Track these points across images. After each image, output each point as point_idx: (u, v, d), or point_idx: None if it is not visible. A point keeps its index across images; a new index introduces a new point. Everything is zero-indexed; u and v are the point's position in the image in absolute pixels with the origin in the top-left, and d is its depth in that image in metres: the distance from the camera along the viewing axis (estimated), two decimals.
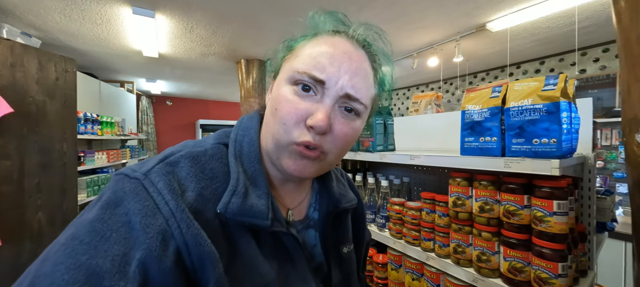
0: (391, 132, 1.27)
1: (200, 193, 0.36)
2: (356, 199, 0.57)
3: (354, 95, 0.40)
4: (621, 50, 0.82)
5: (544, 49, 3.54)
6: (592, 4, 2.44)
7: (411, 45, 3.44)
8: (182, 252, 0.32)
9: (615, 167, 2.85)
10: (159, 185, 0.33)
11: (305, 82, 0.39)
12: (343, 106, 0.41)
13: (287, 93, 0.40)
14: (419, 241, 1.09)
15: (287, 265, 0.42)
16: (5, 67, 1.78)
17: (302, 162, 0.40)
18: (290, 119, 0.39)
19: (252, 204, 0.38)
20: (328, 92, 0.39)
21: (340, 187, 0.55)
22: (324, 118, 0.38)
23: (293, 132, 0.39)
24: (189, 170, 0.37)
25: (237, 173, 0.40)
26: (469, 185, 0.92)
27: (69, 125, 2.16)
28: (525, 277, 0.78)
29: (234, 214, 0.36)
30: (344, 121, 0.41)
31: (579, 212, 0.92)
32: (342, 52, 0.41)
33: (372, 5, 2.44)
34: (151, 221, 0.31)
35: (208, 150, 0.41)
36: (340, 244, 0.52)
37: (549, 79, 0.74)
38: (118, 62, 4.11)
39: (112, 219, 0.31)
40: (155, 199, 0.33)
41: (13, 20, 2.69)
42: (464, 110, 0.89)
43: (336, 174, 0.58)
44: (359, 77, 0.41)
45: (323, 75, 0.39)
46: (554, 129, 0.69)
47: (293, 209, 0.49)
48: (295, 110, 0.39)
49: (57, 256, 0.28)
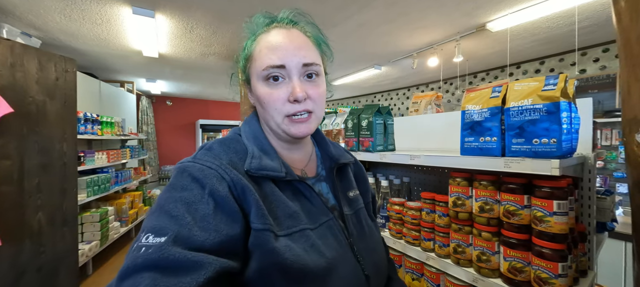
0: (391, 132, 1.27)
1: (230, 160, 0.52)
2: (353, 159, 0.73)
3: (309, 61, 0.53)
4: (621, 50, 0.82)
5: (544, 49, 3.54)
6: (592, 4, 2.44)
7: (411, 45, 3.44)
8: (231, 187, 0.47)
9: (615, 167, 2.85)
10: (204, 159, 0.50)
11: (271, 74, 0.52)
12: (306, 74, 0.54)
13: (265, 89, 0.53)
14: (419, 241, 1.09)
15: (307, 204, 0.55)
16: (5, 67, 1.78)
17: (300, 124, 0.54)
18: (278, 103, 0.53)
19: (267, 163, 0.53)
20: (290, 71, 0.52)
21: (337, 149, 0.69)
22: (300, 90, 0.52)
23: (284, 110, 0.53)
24: (220, 148, 0.54)
25: (251, 147, 0.55)
26: (469, 185, 0.92)
27: (69, 125, 2.16)
28: (525, 277, 0.78)
29: (256, 169, 0.51)
30: (312, 85, 0.54)
31: (579, 212, 0.92)
32: (283, 37, 0.53)
33: (372, 5, 2.44)
34: (207, 173, 0.47)
35: (228, 137, 0.59)
36: (346, 190, 0.65)
37: (549, 79, 0.74)
38: (118, 62, 4.11)
39: (183, 181, 0.47)
40: (205, 164, 0.48)
41: (13, 20, 2.68)
42: (464, 110, 0.89)
43: (334, 143, 0.73)
44: (303, 48, 0.53)
45: (280, 61, 0.52)
46: (554, 129, 0.69)
47: (304, 168, 0.63)
48: (276, 98, 0.53)
49: (164, 203, 0.44)
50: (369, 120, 1.20)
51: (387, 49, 3.57)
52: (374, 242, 0.63)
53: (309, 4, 2.37)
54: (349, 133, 1.31)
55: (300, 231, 0.50)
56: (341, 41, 3.26)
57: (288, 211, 0.51)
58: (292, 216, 0.51)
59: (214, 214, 0.44)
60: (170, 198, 0.44)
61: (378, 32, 3.02)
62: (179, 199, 0.44)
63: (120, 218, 3.74)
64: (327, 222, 0.55)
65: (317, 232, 0.53)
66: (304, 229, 0.51)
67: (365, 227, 0.62)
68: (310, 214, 0.54)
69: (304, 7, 0.60)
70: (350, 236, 0.58)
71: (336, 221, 0.57)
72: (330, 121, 1.48)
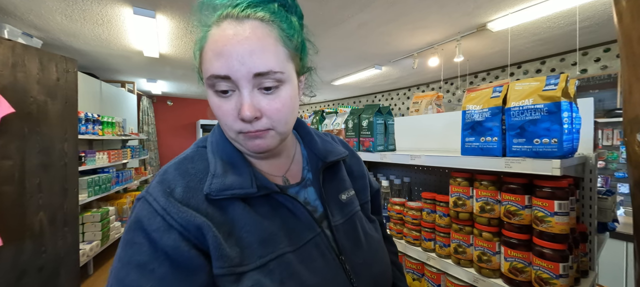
0: (392, 132, 1.27)
1: (186, 186, 0.44)
2: (346, 152, 0.62)
3: (262, 70, 0.41)
4: (622, 50, 0.82)
5: (545, 49, 3.53)
6: (593, 4, 2.43)
7: (412, 45, 3.43)
8: (183, 233, 0.40)
9: (616, 167, 2.84)
10: (155, 194, 0.42)
11: (215, 84, 0.42)
12: (262, 87, 0.42)
13: (213, 100, 0.44)
14: (420, 241, 1.09)
15: (290, 219, 0.48)
16: (6, 67, 1.78)
17: (256, 141, 0.45)
18: (229, 118, 0.43)
19: (232, 180, 0.44)
20: (239, 82, 0.41)
21: (327, 145, 0.60)
22: (248, 108, 0.41)
23: (235, 126, 0.44)
24: (175, 173, 0.45)
25: (214, 162, 0.47)
26: (470, 185, 0.92)
27: (70, 126, 2.16)
28: (526, 277, 0.78)
29: (217, 192, 0.43)
30: (269, 99, 0.43)
31: (580, 213, 0.91)
32: (231, 37, 0.40)
33: (373, 5, 2.44)
34: (154, 223, 0.40)
35: (189, 154, 0.50)
36: (338, 193, 0.57)
37: (550, 79, 0.74)
38: (119, 63, 4.12)
39: (135, 236, 0.41)
40: (154, 206, 0.42)
41: (14, 21, 2.69)
42: (464, 110, 0.89)
43: (322, 137, 0.64)
44: (255, 52, 0.40)
45: (224, 70, 0.40)
46: (555, 129, 0.69)
47: (286, 174, 0.55)
48: (225, 112, 0.43)
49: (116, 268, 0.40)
50: (369, 120, 1.20)
51: (388, 49, 3.57)
52: (373, 253, 0.55)
53: (309, 3, 2.37)
54: (349, 133, 1.31)
55: (278, 258, 0.43)
56: (341, 41, 3.25)
57: (262, 235, 0.44)
58: (268, 240, 0.44)
59: (172, 273, 0.38)
60: (124, 261, 0.39)
61: (378, 32, 3.02)
62: (131, 264, 0.38)
63: (121, 218, 3.75)
64: (314, 239, 0.48)
65: (300, 254, 0.46)
66: (283, 253, 0.44)
67: (361, 237, 0.54)
68: (292, 232, 0.46)
69: (303, 7, 0.49)
70: (342, 251, 0.50)
71: (324, 236, 0.50)
72: (330, 121, 1.49)
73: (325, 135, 0.67)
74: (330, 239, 0.50)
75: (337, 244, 0.50)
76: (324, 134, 0.67)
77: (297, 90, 0.49)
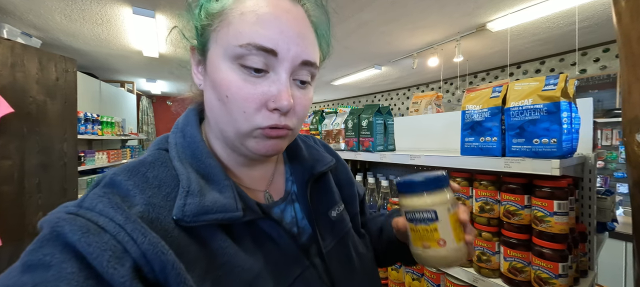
0: (391, 132, 1.27)
1: (148, 203, 0.32)
2: (334, 160, 0.54)
3: (311, 60, 0.37)
4: (621, 50, 0.82)
5: (545, 49, 3.54)
6: (593, 4, 2.43)
7: (411, 45, 3.44)
8: (141, 266, 0.28)
9: (615, 167, 2.84)
10: (98, 207, 0.29)
11: (247, 57, 0.34)
12: (299, 77, 0.37)
13: (235, 77, 0.34)
14: None
15: (274, 252, 0.39)
16: (5, 67, 1.78)
17: (271, 142, 0.37)
18: (250, 106, 0.35)
19: (214, 199, 0.34)
20: (281, 63, 0.35)
21: (313, 152, 0.52)
22: (288, 97, 0.35)
23: (256, 118, 0.35)
24: (128, 183, 0.32)
25: (186, 174, 0.35)
26: (469, 185, 0.92)
27: (70, 125, 2.16)
28: (526, 277, 0.78)
29: (194, 215, 0.32)
30: (301, 94, 0.38)
31: (579, 212, 0.92)
32: (284, 10, 0.35)
33: (373, 5, 2.44)
34: (96, 242, 0.26)
35: (147, 158, 0.37)
36: (328, 209, 0.49)
37: (549, 79, 0.74)
38: (118, 62, 4.11)
39: (49, 257, 0.26)
40: (98, 221, 0.28)
41: (13, 21, 2.69)
42: (464, 110, 0.89)
43: (306, 141, 0.56)
44: (307, 38, 0.37)
45: (272, 42, 0.33)
46: (554, 129, 0.69)
47: (269, 189, 0.46)
48: (253, 95, 0.34)
49: None
50: (369, 120, 1.20)
51: (387, 49, 3.57)
52: (368, 279, 0.49)
53: None
54: (349, 133, 1.31)
55: None
56: (341, 41, 3.25)
57: (246, 277, 0.34)
58: (252, 285, 0.35)
59: None
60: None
61: (378, 32, 3.02)
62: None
63: None
64: (302, 275, 0.40)
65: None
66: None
67: (354, 262, 0.48)
68: (277, 268, 0.38)
69: None
70: (335, 283, 0.43)
71: (314, 269, 0.42)
72: (330, 121, 1.48)
73: (308, 139, 0.59)
74: (320, 270, 0.43)
75: (329, 275, 0.43)
76: (305, 137, 0.60)
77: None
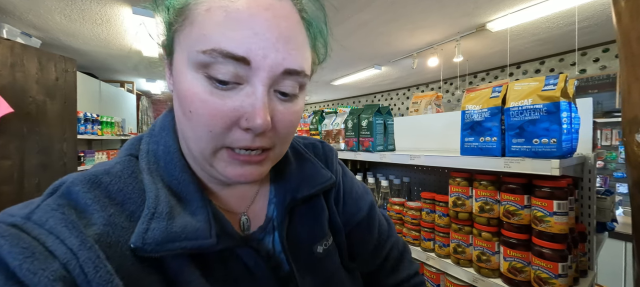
0: (391, 132, 1.27)
1: (108, 222, 0.27)
2: (332, 178, 0.44)
3: (295, 68, 0.29)
4: (621, 50, 0.82)
5: (544, 49, 3.54)
6: (592, 4, 2.43)
7: (411, 45, 3.44)
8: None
9: (615, 167, 2.84)
10: (49, 224, 0.25)
11: (219, 64, 0.27)
12: (280, 89, 0.30)
13: (199, 88, 0.28)
14: (419, 241, 1.09)
15: (249, 285, 0.34)
16: (5, 67, 1.78)
17: (246, 168, 0.31)
18: (217, 124, 0.28)
19: (185, 224, 0.29)
20: (257, 74, 0.28)
21: (305, 169, 0.43)
22: (263, 115, 0.28)
23: (224, 138, 0.29)
24: (87, 196, 0.28)
25: (154, 190, 0.30)
26: (469, 185, 0.92)
27: (69, 125, 2.16)
28: (525, 277, 0.78)
29: (158, 244, 0.27)
30: (284, 109, 0.31)
31: (579, 212, 0.92)
32: (263, 6, 0.27)
33: (373, 5, 2.44)
34: (40, 266, 0.22)
35: (114, 167, 0.32)
36: (312, 243, 0.41)
37: (549, 79, 0.74)
38: (118, 62, 4.11)
39: None
40: (46, 242, 0.23)
41: (13, 21, 2.69)
42: (464, 110, 0.89)
43: (302, 154, 0.46)
44: (293, 41, 0.29)
45: (242, 48, 0.26)
46: (554, 129, 0.69)
47: (247, 211, 0.39)
48: (221, 111, 0.28)
49: None
50: (369, 120, 1.20)
51: (387, 49, 3.57)
52: None
53: None
54: (349, 133, 1.31)
55: None
56: (341, 41, 3.26)
57: None
58: None
59: None
60: None
61: (378, 32, 3.02)
62: None
63: None
64: None
65: None
66: None
67: None
68: None
69: None
70: None
71: None
72: (330, 121, 1.48)
73: (309, 149, 0.49)
74: None
75: None
76: (308, 145, 0.49)
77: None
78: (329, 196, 0.46)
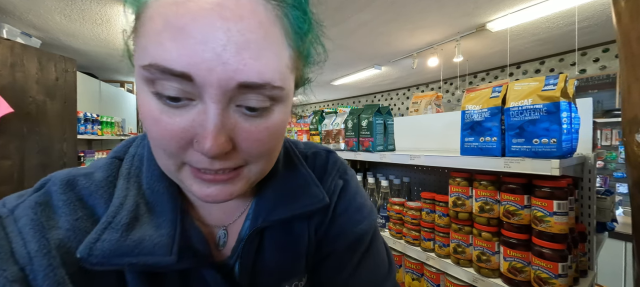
0: (391, 132, 1.27)
1: (73, 226, 0.27)
2: (324, 199, 0.37)
3: (255, 82, 0.24)
4: (621, 50, 0.82)
5: (544, 49, 3.54)
6: (592, 4, 2.44)
7: (411, 45, 3.44)
8: None
9: (615, 167, 2.84)
10: (21, 222, 0.26)
11: (161, 80, 0.23)
12: (244, 104, 0.25)
13: (151, 105, 0.25)
14: (419, 241, 1.09)
15: None
16: (5, 67, 1.78)
17: (212, 188, 0.27)
18: (171, 145, 0.25)
19: (142, 237, 0.27)
20: (206, 90, 0.23)
21: (290, 183, 0.37)
22: (213, 139, 0.24)
23: (181, 157, 0.26)
24: (60, 198, 0.28)
25: (121, 199, 0.29)
26: (469, 185, 0.92)
27: (69, 125, 2.16)
28: (525, 277, 0.78)
29: (105, 256, 0.25)
30: (251, 126, 0.26)
31: (579, 212, 0.92)
32: (212, 5, 0.22)
33: (373, 5, 2.44)
34: (2, 266, 0.24)
35: (98, 169, 0.31)
36: (281, 280, 0.35)
37: (549, 79, 0.74)
38: (118, 62, 4.11)
39: None
40: (12, 242, 0.25)
41: (13, 21, 2.69)
42: (464, 110, 0.89)
43: (293, 161, 0.39)
44: (252, 46, 0.23)
45: (182, 63, 0.22)
46: (554, 129, 0.69)
47: (228, 227, 0.35)
48: (172, 132, 0.24)
49: None
50: (369, 120, 1.20)
51: (387, 49, 3.57)
52: None
53: None
54: (349, 133, 1.31)
55: None
56: (341, 41, 3.26)
57: None
58: None
59: None
60: None
61: (378, 32, 3.02)
62: None
63: None
64: None
65: None
66: None
67: None
68: None
69: None
70: None
71: None
72: (330, 121, 1.49)
73: (307, 158, 0.42)
74: None
75: None
76: (304, 153, 0.43)
77: (290, 112, 0.31)
78: (313, 219, 0.38)
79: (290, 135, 1.88)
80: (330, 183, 0.40)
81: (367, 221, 0.40)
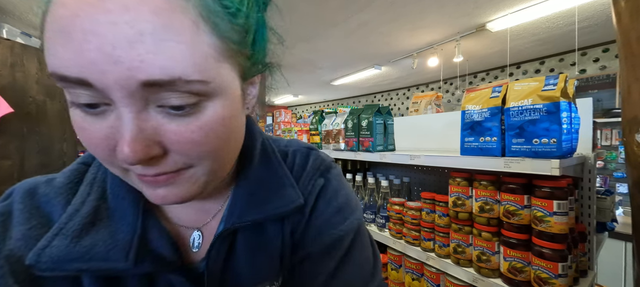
0: (391, 132, 1.27)
1: (25, 235, 0.27)
2: (298, 200, 0.35)
3: (158, 79, 0.21)
4: (621, 50, 0.82)
5: (544, 49, 3.54)
6: (592, 4, 2.44)
7: (411, 45, 3.44)
8: None
9: (615, 167, 2.85)
10: None
11: (68, 87, 0.22)
12: (164, 104, 0.22)
13: (74, 114, 0.24)
14: (419, 241, 1.09)
15: None
16: (5, 67, 1.78)
17: (158, 190, 0.26)
18: (100, 154, 0.24)
19: (94, 242, 0.26)
20: (110, 93, 0.21)
21: (264, 183, 0.35)
22: (132, 147, 0.21)
23: (118, 162, 0.24)
24: (18, 206, 0.28)
25: (78, 204, 0.28)
26: (469, 185, 0.92)
27: (69, 125, 2.16)
28: (525, 277, 0.78)
29: (54, 263, 0.25)
30: (179, 127, 0.23)
31: (579, 212, 0.92)
32: (89, 1, 0.19)
33: (373, 5, 2.44)
34: None
35: (61, 175, 0.31)
36: (254, 283, 0.34)
37: (549, 79, 0.74)
38: None
39: None
40: None
41: (13, 20, 2.69)
42: (464, 110, 0.89)
43: (270, 159, 0.38)
44: (147, 37, 0.20)
45: (71, 68, 0.20)
46: (554, 129, 0.69)
47: (205, 228, 0.35)
48: (96, 139, 0.23)
49: None
50: (369, 120, 1.20)
51: (387, 49, 3.57)
52: None
53: (308, 3, 2.37)
54: (349, 133, 1.31)
55: None
56: (341, 41, 3.26)
57: None
58: None
59: None
60: None
61: (378, 32, 3.02)
62: None
63: None
64: None
65: None
66: None
67: None
68: None
69: (303, 7, 0.36)
70: None
71: None
72: (330, 121, 1.49)
73: (286, 155, 0.41)
74: None
75: None
76: (283, 151, 0.41)
77: (240, 103, 0.28)
78: (289, 220, 0.37)
79: (291, 135, 1.88)
80: (308, 183, 0.38)
81: (347, 223, 0.38)
